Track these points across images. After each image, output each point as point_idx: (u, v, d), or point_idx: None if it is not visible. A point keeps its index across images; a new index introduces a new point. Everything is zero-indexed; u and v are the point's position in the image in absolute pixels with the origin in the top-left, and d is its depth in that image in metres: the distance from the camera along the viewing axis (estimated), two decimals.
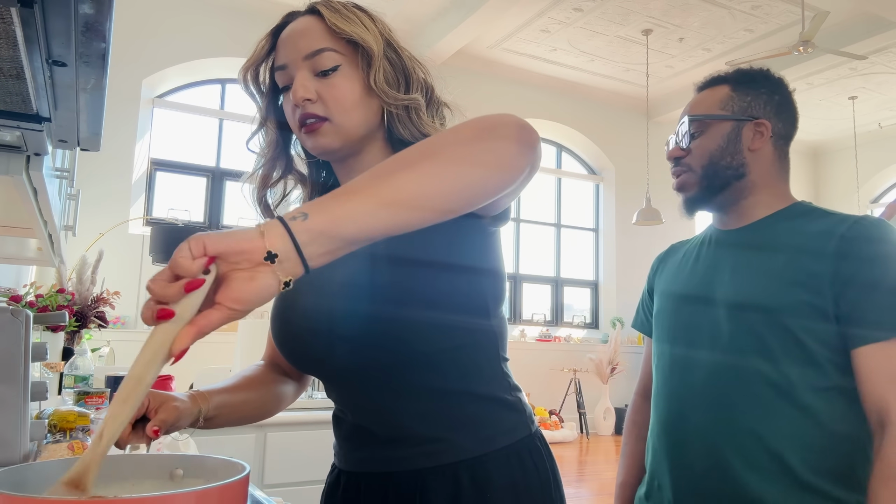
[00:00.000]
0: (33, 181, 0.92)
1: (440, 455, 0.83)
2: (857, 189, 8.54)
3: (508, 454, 0.84)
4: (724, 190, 1.10)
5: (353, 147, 0.88)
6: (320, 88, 0.84)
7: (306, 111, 0.84)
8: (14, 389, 0.99)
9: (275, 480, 2.07)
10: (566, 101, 7.56)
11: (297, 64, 0.85)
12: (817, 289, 0.97)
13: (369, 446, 0.87)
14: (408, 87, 0.88)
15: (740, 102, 1.11)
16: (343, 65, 0.85)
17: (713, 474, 1.01)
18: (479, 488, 0.82)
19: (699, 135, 1.11)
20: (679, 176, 1.14)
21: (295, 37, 0.86)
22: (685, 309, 1.12)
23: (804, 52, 5.06)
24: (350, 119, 0.85)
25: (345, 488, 0.90)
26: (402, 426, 0.84)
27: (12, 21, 0.49)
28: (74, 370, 2.00)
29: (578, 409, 7.03)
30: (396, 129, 0.88)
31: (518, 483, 0.83)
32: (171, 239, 3.27)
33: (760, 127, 1.10)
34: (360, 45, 0.85)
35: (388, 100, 0.86)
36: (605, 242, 7.97)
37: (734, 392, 1.01)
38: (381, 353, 0.80)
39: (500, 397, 0.87)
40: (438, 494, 0.82)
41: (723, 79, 1.15)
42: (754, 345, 1.00)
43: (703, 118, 1.11)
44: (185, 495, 0.51)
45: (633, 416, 1.29)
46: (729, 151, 1.09)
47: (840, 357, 0.97)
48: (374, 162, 0.89)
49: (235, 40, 5.78)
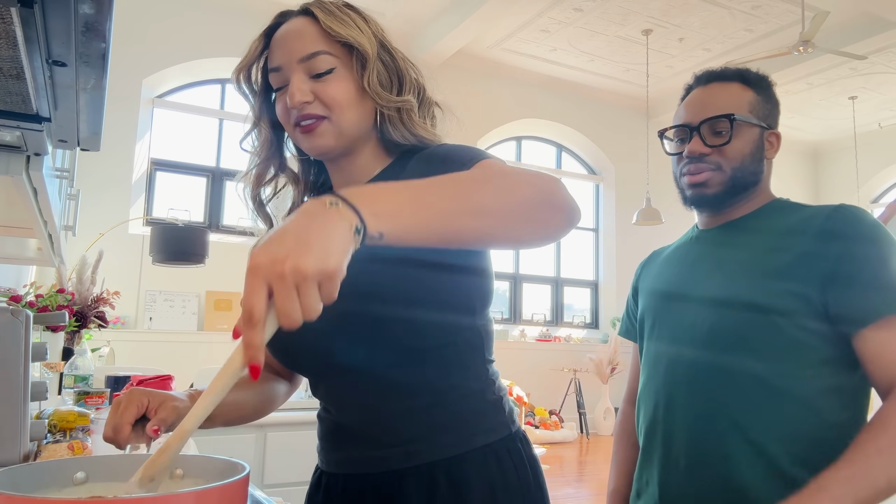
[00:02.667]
0: (33, 181, 0.93)
1: (418, 455, 0.83)
2: (857, 189, 8.54)
3: (486, 453, 0.84)
4: (743, 193, 1.09)
5: (347, 147, 0.88)
6: (316, 89, 0.84)
7: (303, 112, 0.85)
8: (14, 389, 0.99)
9: (275, 480, 2.07)
10: (566, 101, 7.56)
11: (292, 67, 0.85)
12: (799, 282, 0.97)
13: (348, 446, 0.87)
14: (401, 89, 0.89)
15: (764, 109, 1.10)
16: (338, 67, 0.85)
17: (699, 469, 1.02)
18: (455, 488, 0.82)
19: (735, 136, 1.08)
20: (700, 173, 1.09)
21: (289, 39, 0.86)
22: (668, 306, 1.13)
23: (804, 52, 5.06)
24: (345, 119, 0.86)
25: (325, 489, 0.91)
26: (384, 424, 0.84)
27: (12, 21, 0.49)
28: (74, 370, 2.00)
29: (578, 409, 7.03)
30: (388, 131, 0.89)
31: (495, 483, 0.83)
32: (171, 239, 3.26)
33: (773, 137, 1.11)
34: (355, 48, 0.85)
35: (382, 101, 0.87)
36: (605, 242, 7.97)
37: (718, 386, 1.01)
38: (368, 351, 0.81)
39: (483, 396, 0.87)
40: (415, 495, 0.82)
41: (738, 76, 1.12)
42: (737, 339, 1.00)
43: (745, 120, 1.08)
44: (184, 495, 0.51)
45: (622, 424, 1.29)
46: (757, 157, 1.09)
47: (824, 347, 0.97)
48: (367, 162, 0.91)
49: (235, 40, 5.78)
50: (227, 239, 5.77)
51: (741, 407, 0.99)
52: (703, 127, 1.09)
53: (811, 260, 0.97)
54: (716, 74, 1.13)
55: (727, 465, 0.99)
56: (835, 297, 0.95)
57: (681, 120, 1.13)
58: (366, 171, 0.92)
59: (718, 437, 1.00)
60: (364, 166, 0.92)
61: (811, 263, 0.97)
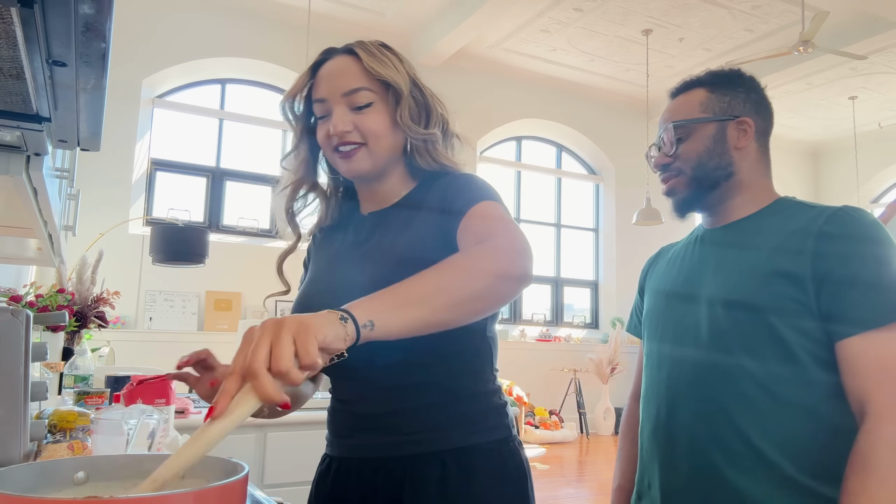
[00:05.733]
0: (33, 181, 0.92)
1: (430, 443, 0.94)
2: (857, 189, 8.54)
3: (491, 448, 0.96)
4: (714, 190, 1.12)
5: (379, 171, 1.01)
6: (355, 120, 0.97)
7: (343, 140, 0.97)
8: (14, 389, 0.99)
9: (275, 480, 2.07)
10: (566, 101, 7.56)
11: (336, 99, 0.97)
12: (799, 284, 0.97)
13: (364, 433, 0.97)
14: (428, 122, 1.02)
15: (720, 103, 1.12)
16: (375, 101, 0.98)
17: (700, 472, 1.02)
18: (465, 473, 0.92)
19: (685, 139, 1.12)
20: (668, 181, 1.16)
21: (334, 75, 0.99)
22: (672, 307, 1.13)
23: (804, 52, 5.06)
24: (380, 147, 0.98)
25: (336, 473, 1.00)
26: (401, 416, 0.95)
27: (12, 21, 0.49)
28: (74, 370, 2.00)
29: (578, 409, 7.03)
30: (415, 159, 1.02)
31: (499, 472, 0.95)
32: (171, 239, 3.26)
33: (743, 125, 1.12)
34: (391, 85, 0.98)
35: (411, 133, 0.99)
36: (605, 242, 7.97)
37: (719, 389, 1.01)
38: (397, 352, 0.87)
39: (489, 399, 0.99)
40: (428, 477, 0.92)
41: (697, 82, 1.16)
42: (738, 342, 1.00)
43: (686, 123, 1.12)
44: (184, 495, 0.51)
45: (627, 420, 1.29)
46: (717, 152, 1.11)
47: (823, 352, 0.97)
48: (394, 185, 1.05)
49: (235, 40, 5.79)
50: (227, 239, 5.77)
51: (742, 410, 0.99)
52: (663, 139, 1.16)
53: (810, 262, 0.97)
54: (680, 87, 1.18)
55: (729, 469, 0.99)
56: (826, 299, 0.95)
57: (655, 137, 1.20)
58: (393, 192, 1.05)
59: (720, 440, 1.00)
60: (392, 188, 1.04)
61: (810, 266, 0.97)
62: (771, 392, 0.97)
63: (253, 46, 5.81)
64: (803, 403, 0.96)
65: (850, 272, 0.94)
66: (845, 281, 0.94)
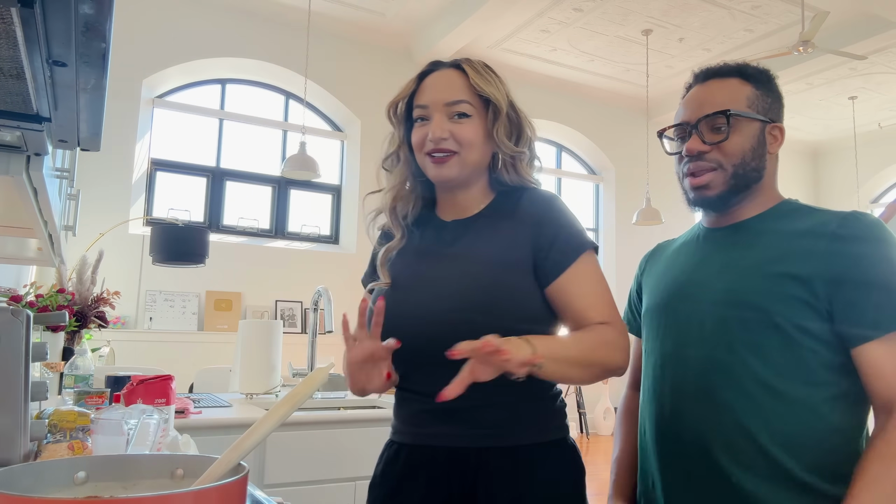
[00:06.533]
0: (33, 181, 0.92)
1: (502, 438, 1.01)
2: (856, 189, 8.54)
3: (556, 446, 1.06)
4: (745, 191, 1.07)
5: (465, 179, 1.09)
6: (452, 129, 1.05)
7: (439, 146, 1.05)
8: (14, 389, 0.99)
9: (275, 480, 2.07)
10: (566, 101, 7.56)
11: (438, 108, 1.06)
12: (809, 286, 0.96)
13: (437, 425, 1.03)
14: (519, 140, 1.10)
15: (763, 103, 1.08)
16: (474, 115, 1.06)
17: (704, 472, 1.01)
18: (534, 468, 1.01)
19: (733, 132, 1.05)
20: (699, 174, 1.07)
21: (441, 85, 1.08)
22: (674, 306, 1.11)
23: (804, 52, 5.06)
24: (471, 156, 1.06)
25: (406, 459, 1.06)
26: (479, 412, 1.01)
27: (12, 21, 0.49)
28: (74, 370, 2.00)
29: (578, 409, 7.03)
30: (502, 174, 1.11)
31: (563, 467, 1.05)
32: (171, 239, 3.26)
33: (776, 131, 1.09)
34: (492, 102, 1.07)
35: (504, 149, 1.08)
36: (605, 242, 7.96)
37: (724, 389, 1.01)
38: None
39: (555, 401, 1.09)
40: (500, 469, 0.99)
41: (735, 71, 1.10)
42: (744, 342, 1.00)
43: (741, 115, 1.06)
44: (183, 495, 0.51)
45: (626, 405, 1.29)
46: (758, 153, 1.07)
47: (830, 353, 0.97)
48: (475, 195, 1.12)
49: (235, 40, 5.78)
50: (227, 239, 5.77)
51: (747, 409, 0.98)
52: (702, 124, 1.07)
53: (822, 265, 0.96)
54: (714, 71, 1.12)
55: (733, 468, 0.98)
56: (841, 305, 0.95)
57: (680, 118, 1.12)
58: (475, 202, 1.12)
59: (725, 439, 1.00)
60: (473, 198, 1.12)
61: (821, 269, 0.96)
62: (776, 392, 0.97)
63: (253, 46, 5.80)
64: (808, 403, 0.96)
65: (867, 275, 0.94)
66: (861, 284, 0.94)
